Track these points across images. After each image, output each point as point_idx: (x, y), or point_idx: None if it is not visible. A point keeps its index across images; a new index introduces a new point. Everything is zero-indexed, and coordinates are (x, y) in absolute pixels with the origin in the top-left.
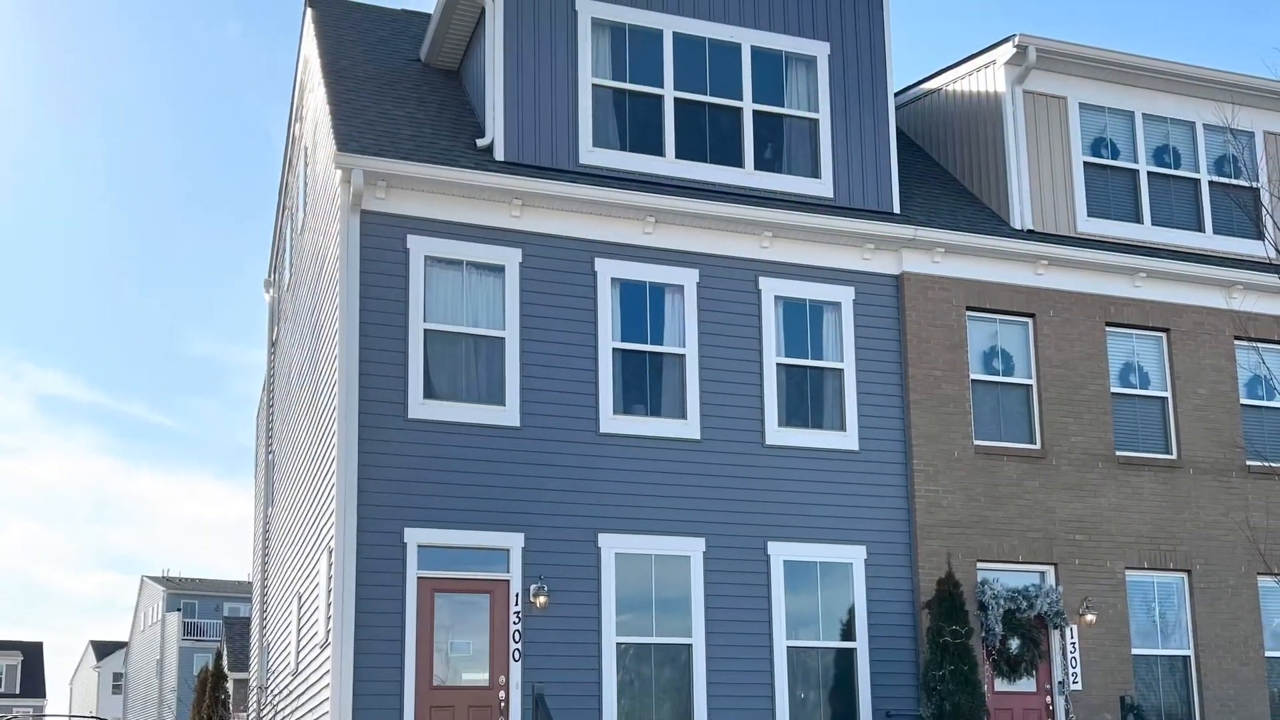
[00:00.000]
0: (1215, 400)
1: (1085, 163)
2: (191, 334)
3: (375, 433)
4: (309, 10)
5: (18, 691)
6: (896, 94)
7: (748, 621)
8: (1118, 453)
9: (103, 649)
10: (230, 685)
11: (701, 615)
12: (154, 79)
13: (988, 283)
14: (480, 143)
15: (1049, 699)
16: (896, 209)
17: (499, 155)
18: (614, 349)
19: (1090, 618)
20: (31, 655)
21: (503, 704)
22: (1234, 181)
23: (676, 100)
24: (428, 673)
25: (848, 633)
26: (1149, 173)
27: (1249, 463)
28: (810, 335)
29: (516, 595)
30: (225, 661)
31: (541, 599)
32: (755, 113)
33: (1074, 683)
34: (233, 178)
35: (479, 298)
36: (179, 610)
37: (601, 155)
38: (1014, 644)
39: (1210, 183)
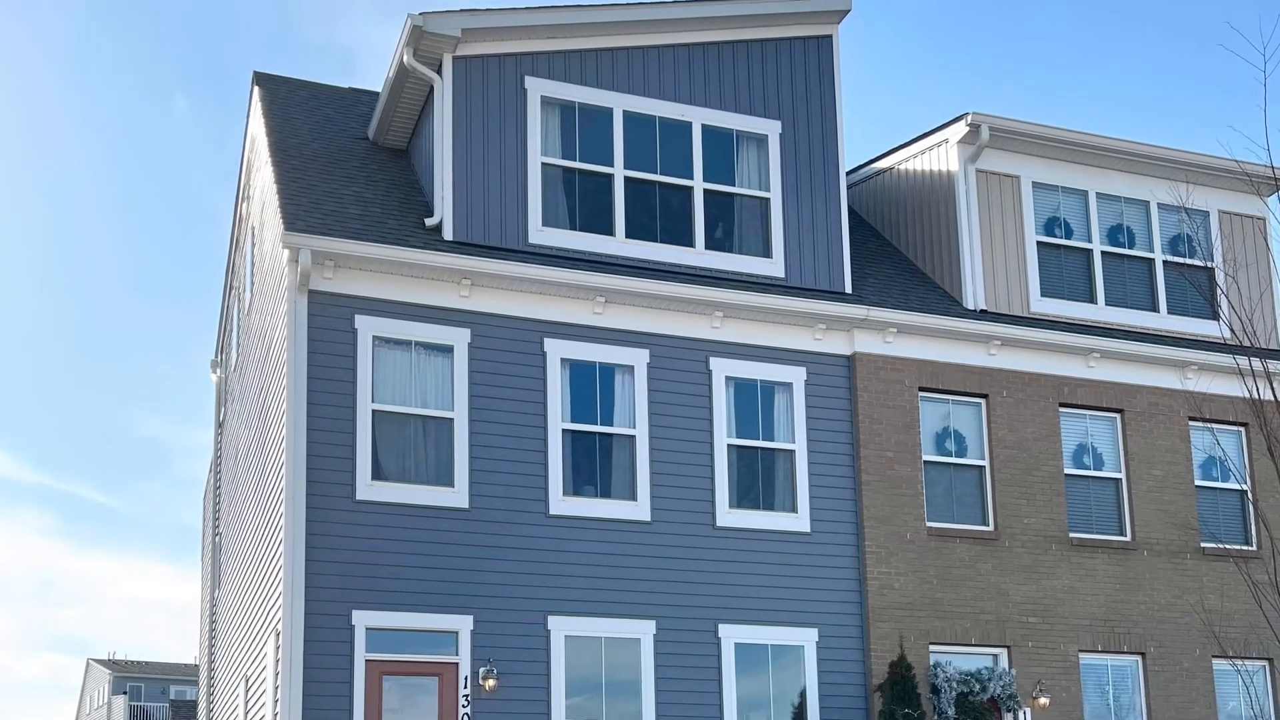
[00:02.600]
0: (1169, 482)
1: (1038, 242)
2: (137, 415)
3: (323, 514)
4: (256, 88)
5: None
6: (849, 173)
7: (699, 704)
8: (1071, 534)
9: None
10: None
11: (652, 698)
12: (98, 156)
13: (940, 363)
14: (429, 222)
15: None
16: (848, 289)
17: (448, 235)
18: (564, 430)
19: (1044, 701)
20: None
21: None
22: (1189, 261)
23: (627, 179)
24: None
25: (799, 716)
26: (1103, 252)
27: (1204, 545)
28: (761, 416)
29: (465, 678)
30: None
31: (491, 682)
32: (706, 192)
33: None
34: (179, 257)
35: (428, 378)
36: (125, 693)
37: (551, 235)
38: None
39: (1165, 262)
